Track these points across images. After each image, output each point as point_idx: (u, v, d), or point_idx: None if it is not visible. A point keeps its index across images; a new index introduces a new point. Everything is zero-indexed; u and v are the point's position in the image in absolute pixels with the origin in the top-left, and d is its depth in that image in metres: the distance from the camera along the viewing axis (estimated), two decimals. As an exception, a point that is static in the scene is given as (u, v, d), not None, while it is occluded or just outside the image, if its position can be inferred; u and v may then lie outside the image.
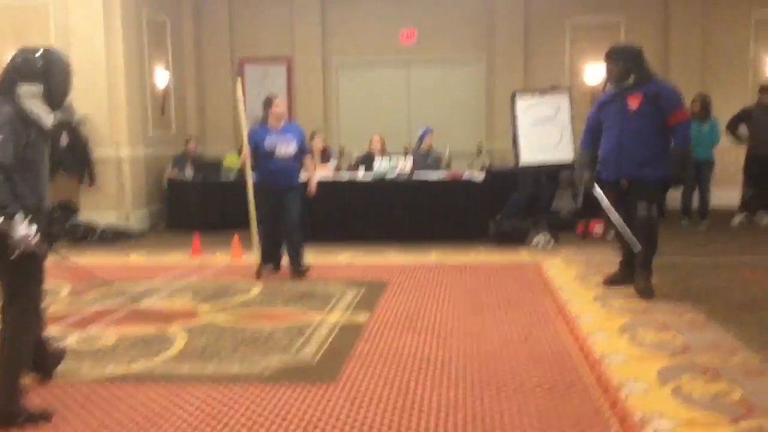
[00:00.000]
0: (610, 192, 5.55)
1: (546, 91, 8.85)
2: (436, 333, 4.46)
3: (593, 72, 11.26)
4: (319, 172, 6.95)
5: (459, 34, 11.58)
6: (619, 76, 5.45)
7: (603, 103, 5.63)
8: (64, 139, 8.92)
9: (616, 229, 5.68)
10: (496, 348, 4.11)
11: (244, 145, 6.25)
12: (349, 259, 7.30)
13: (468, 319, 4.80)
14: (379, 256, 7.40)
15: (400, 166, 8.40)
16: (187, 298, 5.60)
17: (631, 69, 5.40)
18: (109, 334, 4.55)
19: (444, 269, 6.65)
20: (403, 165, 8.42)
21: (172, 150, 10.61)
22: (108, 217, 9.32)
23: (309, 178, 6.69)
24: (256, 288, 5.91)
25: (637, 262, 5.41)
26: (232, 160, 10.56)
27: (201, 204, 9.75)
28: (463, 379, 3.58)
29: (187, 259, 7.40)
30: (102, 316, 5.00)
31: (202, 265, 7.07)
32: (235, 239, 7.55)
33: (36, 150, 3.25)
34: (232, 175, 10.10)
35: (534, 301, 5.26)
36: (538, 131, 8.48)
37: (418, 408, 3.26)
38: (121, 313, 5.08)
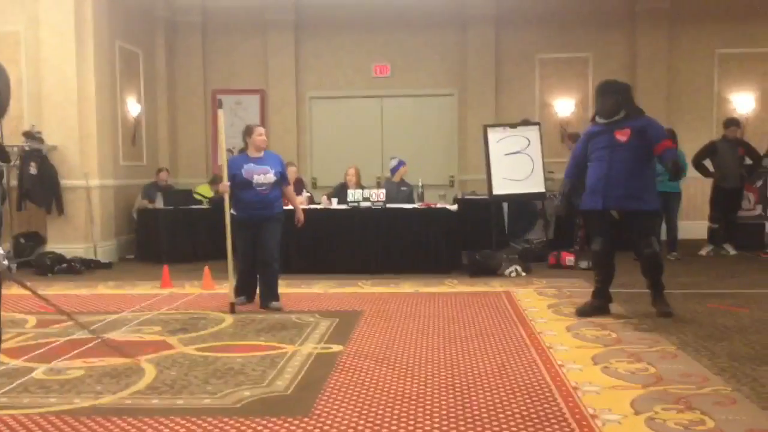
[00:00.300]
0: (595, 221, 5.72)
1: (516, 124, 9.02)
2: (411, 364, 4.43)
3: (562, 106, 11.49)
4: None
5: (431, 68, 11.74)
6: (611, 110, 5.63)
7: (591, 135, 5.77)
8: (33, 169, 8.82)
9: (592, 258, 5.81)
10: (471, 379, 4.09)
11: (224, 176, 6.18)
12: (322, 289, 7.26)
13: (442, 349, 4.78)
14: (352, 287, 7.37)
15: (373, 196, 8.43)
16: (156, 329, 5.50)
17: (621, 104, 5.62)
18: (76, 367, 4.44)
19: (418, 299, 6.64)
20: (377, 195, 8.45)
21: (143, 180, 10.53)
22: (76, 248, 9.17)
23: (295, 208, 6.58)
24: (228, 319, 5.84)
25: (651, 288, 5.74)
26: (203, 191, 10.51)
27: (171, 235, 9.65)
28: (438, 411, 3.55)
29: (156, 291, 7.29)
30: (69, 348, 4.88)
31: (172, 296, 6.97)
32: (206, 271, 7.47)
33: None
34: (205, 203, 10.05)
35: (507, 332, 5.27)
36: (510, 163, 8.61)
37: (393, 440, 3.22)
38: (88, 345, 4.98)
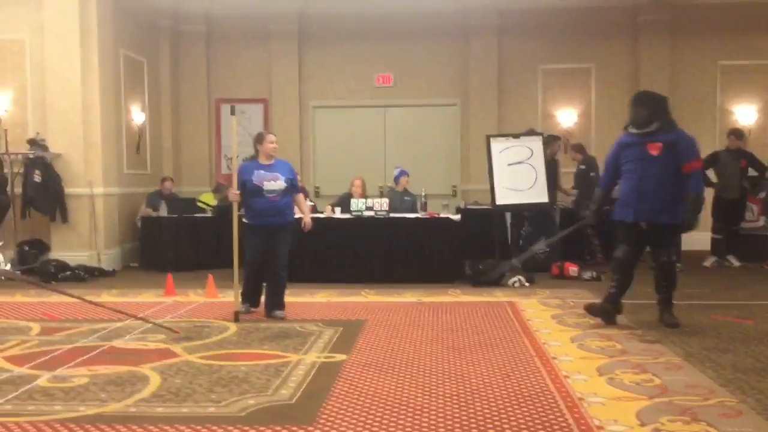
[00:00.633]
0: (624, 230, 5.79)
1: (519, 134, 9.04)
2: (415, 373, 4.42)
3: (565, 116, 11.52)
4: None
5: (434, 78, 11.77)
6: (643, 121, 5.65)
7: (623, 145, 5.80)
8: (37, 176, 8.84)
9: (612, 264, 5.96)
10: (476, 389, 4.09)
11: (234, 183, 6.17)
12: (326, 298, 7.26)
13: (446, 359, 4.78)
14: (355, 296, 7.37)
15: (376, 205, 8.44)
16: (160, 337, 5.50)
17: (654, 116, 5.62)
18: (80, 374, 4.44)
19: (421, 309, 6.63)
20: (380, 204, 8.46)
21: (147, 189, 10.55)
22: (80, 256, 9.18)
23: (303, 213, 6.55)
24: (232, 328, 5.83)
25: (661, 300, 5.81)
26: (207, 199, 10.53)
27: (174, 243, 9.65)
28: (443, 421, 3.55)
29: (160, 299, 7.29)
30: (74, 356, 4.88)
31: (176, 304, 6.97)
32: (210, 279, 7.47)
33: None
34: (208, 212, 10.06)
35: (512, 342, 5.26)
36: (513, 173, 8.62)
37: (398, 449, 3.22)
38: (93, 353, 4.97)
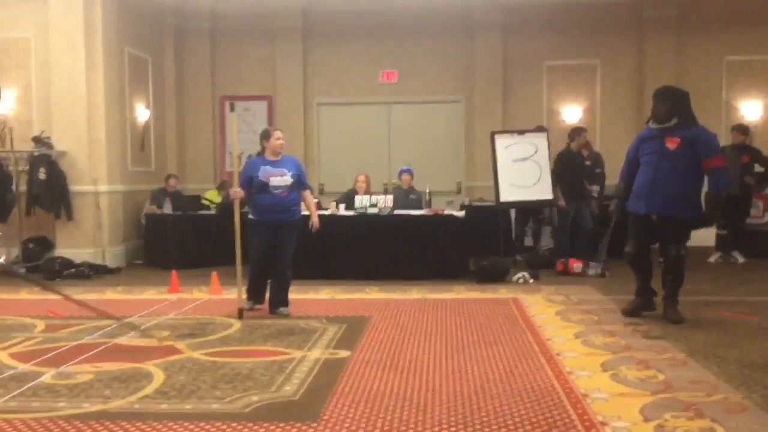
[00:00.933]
0: (636, 223, 5.86)
1: (524, 131, 9.02)
2: (419, 370, 4.42)
3: (570, 113, 11.49)
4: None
5: (439, 74, 11.75)
6: (664, 116, 5.69)
7: (643, 139, 5.88)
8: (42, 174, 8.87)
9: (626, 259, 6.03)
10: (479, 385, 4.08)
11: (234, 181, 6.16)
12: (330, 295, 7.26)
13: (450, 356, 4.77)
14: (359, 293, 7.37)
15: (381, 202, 8.43)
16: (165, 334, 5.50)
17: (675, 111, 5.66)
18: (85, 371, 4.45)
19: (425, 306, 6.63)
20: (384, 201, 8.46)
21: (151, 186, 10.56)
22: (84, 253, 9.20)
23: (311, 212, 6.51)
24: (236, 324, 5.84)
25: (666, 295, 5.82)
26: (212, 196, 10.54)
27: (179, 240, 9.66)
28: (447, 417, 3.55)
29: (164, 296, 7.31)
30: (78, 353, 4.89)
31: (180, 301, 6.98)
32: (214, 276, 7.49)
33: None
34: (213, 209, 10.07)
35: (516, 339, 5.25)
36: (517, 170, 8.60)
37: (401, 446, 3.22)
38: (97, 350, 4.99)
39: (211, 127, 12.03)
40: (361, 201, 8.50)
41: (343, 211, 8.63)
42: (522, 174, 8.62)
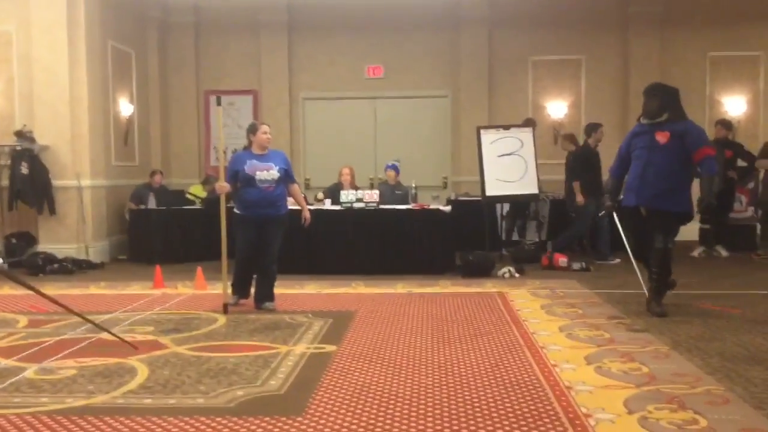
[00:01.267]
0: (630, 217, 5.97)
1: (510, 126, 9.05)
2: (405, 364, 4.42)
3: (555, 108, 11.53)
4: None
5: (425, 69, 11.75)
6: (655, 111, 5.78)
7: (634, 134, 5.97)
8: (24, 169, 8.78)
9: (633, 252, 6.14)
10: (465, 378, 4.09)
11: (221, 176, 6.12)
12: (315, 289, 7.25)
13: (436, 349, 4.78)
14: (345, 287, 7.36)
15: (366, 197, 8.42)
16: (149, 329, 5.48)
17: (666, 107, 5.76)
18: (68, 366, 4.42)
19: (411, 300, 6.64)
20: (370, 196, 8.45)
21: (135, 181, 10.50)
22: (68, 248, 9.13)
23: (302, 207, 6.43)
24: (221, 319, 5.82)
25: (650, 288, 5.88)
26: (196, 191, 10.49)
27: (163, 235, 9.62)
28: (432, 410, 3.55)
29: (148, 291, 7.26)
30: (61, 348, 4.86)
31: (164, 296, 6.95)
32: (199, 271, 7.45)
33: None
34: (198, 204, 10.03)
35: (501, 332, 5.27)
36: (503, 165, 8.63)
37: (387, 439, 3.22)
38: (80, 345, 4.95)
39: (195, 121, 11.96)
40: (347, 195, 8.49)
41: (329, 205, 8.62)
42: (507, 169, 8.64)
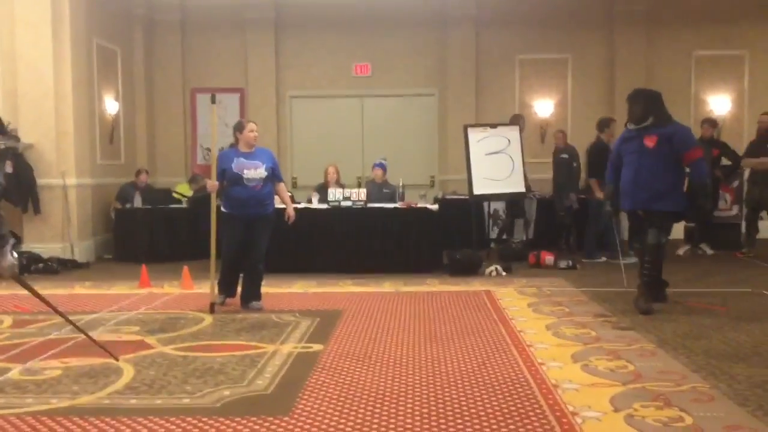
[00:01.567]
0: (633, 220, 6.17)
1: (496, 124, 9.06)
2: (392, 362, 4.42)
3: (541, 106, 11.56)
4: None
5: (412, 68, 11.75)
6: (640, 116, 5.92)
7: (624, 140, 6.11)
8: (8, 167, 8.69)
9: (636, 255, 6.30)
10: (452, 377, 4.10)
11: (213, 174, 6.08)
12: (303, 288, 7.23)
13: (423, 348, 4.78)
14: (332, 286, 7.35)
15: (354, 195, 8.41)
16: (135, 329, 5.44)
17: (650, 111, 5.90)
18: (53, 367, 4.38)
19: (398, 298, 6.63)
20: (357, 194, 8.44)
21: (121, 179, 10.42)
22: (53, 248, 9.06)
23: (286, 205, 6.39)
24: (207, 319, 5.79)
25: (640, 283, 5.93)
26: (183, 189, 10.44)
27: (149, 234, 9.57)
28: (419, 409, 3.55)
29: (134, 291, 7.22)
30: (46, 348, 4.82)
31: (150, 296, 6.91)
32: (185, 271, 7.41)
33: None
34: (184, 202, 9.98)
35: (488, 330, 5.28)
36: (490, 163, 8.64)
37: (374, 438, 3.21)
38: (65, 345, 4.91)
39: (181, 119, 11.90)
40: (334, 194, 8.47)
41: (316, 204, 8.60)
42: (495, 167, 8.66)
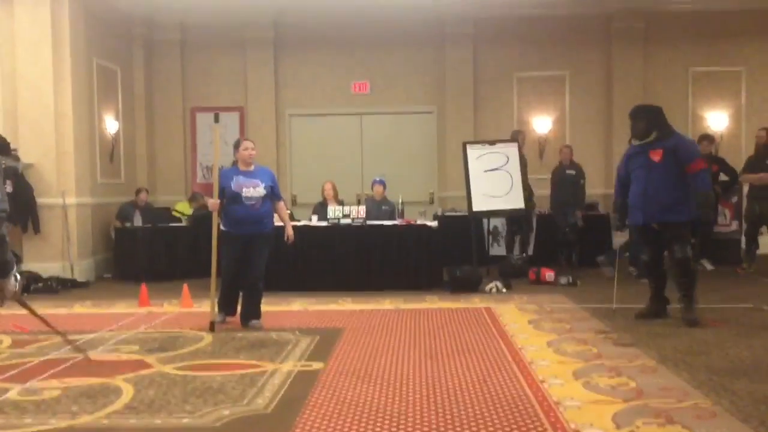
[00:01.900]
0: (640, 234, 6.31)
1: (495, 141, 9.09)
2: (393, 380, 4.40)
3: (540, 123, 11.61)
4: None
5: (410, 85, 11.81)
6: (643, 132, 6.04)
7: (630, 156, 6.22)
8: (8, 187, 8.70)
9: (643, 267, 6.42)
10: (453, 394, 4.08)
11: (215, 192, 6.09)
12: (302, 306, 7.21)
13: (424, 365, 4.76)
14: (332, 304, 7.33)
15: (353, 213, 8.42)
16: (134, 348, 5.43)
17: (652, 126, 6.01)
18: (52, 387, 4.36)
19: (398, 316, 6.62)
20: (356, 212, 8.45)
21: (121, 198, 10.44)
22: (52, 267, 9.05)
23: (285, 224, 6.38)
24: (207, 338, 5.77)
25: (681, 296, 6.00)
26: (182, 208, 10.45)
27: (149, 253, 9.56)
28: (420, 427, 3.53)
29: (134, 310, 7.20)
30: (45, 368, 4.80)
31: (150, 315, 6.89)
32: (185, 289, 7.40)
33: None
34: (184, 221, 9.99)
35: (489, 347, 5.26)
36: (489, 180, 8.66)
37: (375, 457, 3.20)
38: (65, 365, 4.89)
39: (181, 138, 11.93)
40: (334, 212, 8.48)
41: (315, 222, 8.60)
42: (493, 184, 8.67)
